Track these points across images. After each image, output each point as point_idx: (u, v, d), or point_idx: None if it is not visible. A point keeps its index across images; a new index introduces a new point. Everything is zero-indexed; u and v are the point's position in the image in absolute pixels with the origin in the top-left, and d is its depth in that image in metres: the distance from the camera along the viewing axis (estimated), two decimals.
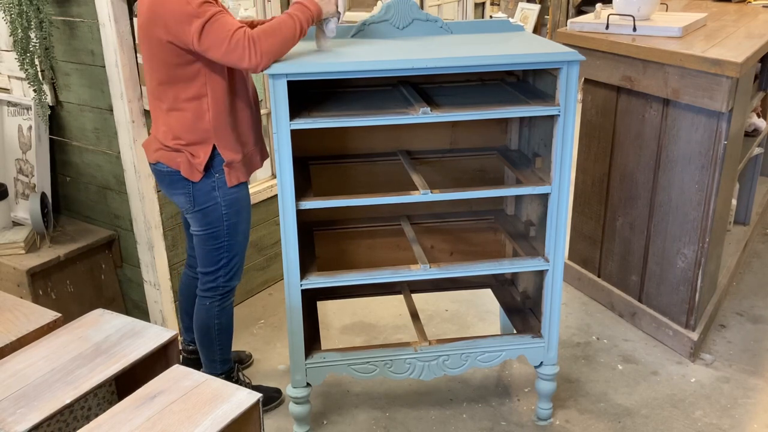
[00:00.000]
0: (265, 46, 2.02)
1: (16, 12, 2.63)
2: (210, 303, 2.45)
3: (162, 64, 2.16)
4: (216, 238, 2.36)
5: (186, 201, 2.33)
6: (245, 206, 2.38)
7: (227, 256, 2.39)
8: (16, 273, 2.78)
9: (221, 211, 2.32)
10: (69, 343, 1.72)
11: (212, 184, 2.28)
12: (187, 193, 2.30)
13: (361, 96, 2.41)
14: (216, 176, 2.27)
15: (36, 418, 1.46)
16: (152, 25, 2.10)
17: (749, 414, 2.64)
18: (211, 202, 2.30)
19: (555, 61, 2.14)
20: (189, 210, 2.34)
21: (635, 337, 3.11)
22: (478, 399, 2.73)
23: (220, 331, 2.49)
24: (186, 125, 2.22)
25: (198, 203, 2.31)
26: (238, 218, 2.36)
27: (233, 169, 2.28)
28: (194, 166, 2.24)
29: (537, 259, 2.39)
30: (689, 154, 2.80)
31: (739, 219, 3.97)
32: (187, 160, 2.25)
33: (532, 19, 7.33)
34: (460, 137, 2.72)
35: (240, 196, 2.35)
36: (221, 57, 2.05)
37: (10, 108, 3.05)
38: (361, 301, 3.31)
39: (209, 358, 2.54)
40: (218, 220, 2.33)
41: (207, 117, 2.20)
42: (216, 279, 2.42)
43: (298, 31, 2.10)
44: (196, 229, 2.37)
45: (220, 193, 2.29)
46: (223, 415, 1.49)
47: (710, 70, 2.57)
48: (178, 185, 2.30)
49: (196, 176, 2.26)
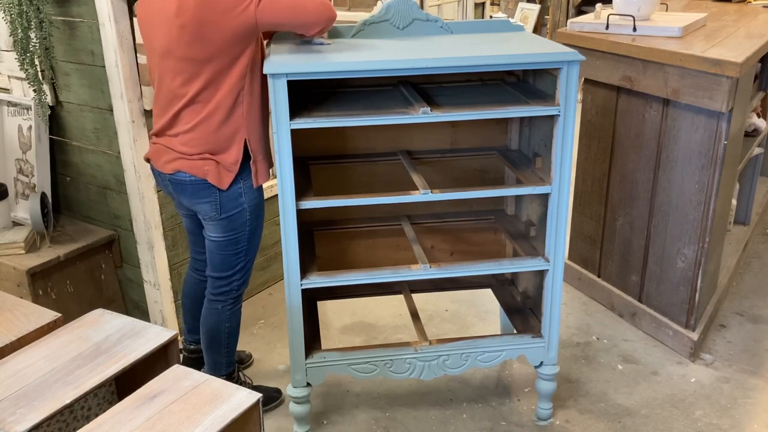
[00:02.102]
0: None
1: (16, 12, 2.63)
2: (222, 307, 2.44)
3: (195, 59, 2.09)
4: (236, 243, 2.34)
5: (211, 209, 2.28)
6: (263, 212, 2.39)
7: (244, 260, 2.39)
8: (16, 273, 2.78)
9: (246, 217, 2.30)
10: (69, 343, 1.72)
11: (239, 191, 2.26)
12: (213, 201, 2.26)
13: (361, 96, 2.40)
14: (242, 182, 2.25)
15: (36, 418, 1.46)
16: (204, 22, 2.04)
17: (749, 414, 2.64)
18: (238, 209, 2.28)
19: (555, 61, 2.14)
20: (214, 218, 2.30)
21: (635, 337, 3.11)
22: (478, 399, 2.73)
23: (229, 335, 2.49)
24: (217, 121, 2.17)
25: (225, 210, 2.28)
26: (257, 223, 2.36)
27: (260, 166, 2.27)
28: (225, 168, 2.20)
29: (537, 259, 2.40)
30: (689, 154, 2.80)
31: (739, 219, 3.97)
32: (216, 165, 2.21)
33: (532, 19, 7.34)
34: (460, 137, 2.72)
35: (261, 202, 2.35)
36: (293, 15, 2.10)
37: (10, 108, 3.05)
38: (361, 301, 3.31)
39: (215, 360, 2.53)
40: (242, 226, 2.32)
41: (240, 110, 2.18)
42: (230, 283, 2.41)
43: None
44: (217, 235, 2.33)
45: (246, 199, 2.28)
46: (223, 415, 1.49)
47: (710, 70, 2.57)
48: (202, 194, 2.26)
49: (226, 182, 2.22)
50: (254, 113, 2.21)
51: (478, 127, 2.70)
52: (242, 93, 2.17)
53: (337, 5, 5.61)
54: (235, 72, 2.13)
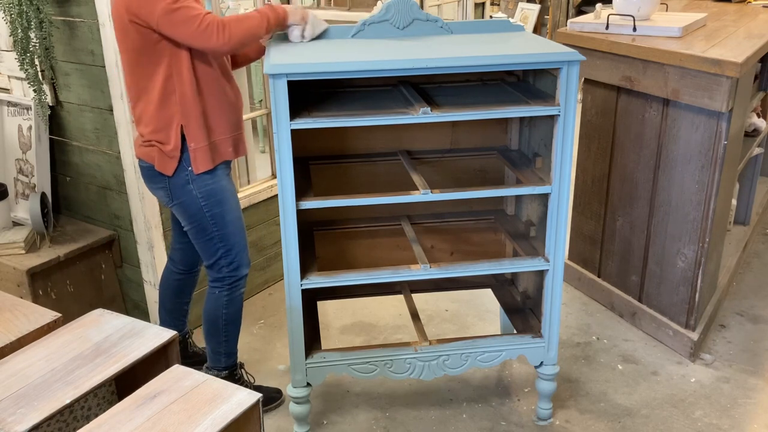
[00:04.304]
0: (234, 31, 2.13)
1: (16, 12, 2.63)
2: (219, 292, 2.46)
3: (128, 48, 2.20)
4: (204, 230, 2.38)
5: (165, 195, 2.37)
6: (227, 196, 2.38)
7: (223, 247, 2.40)
8: (16, 273, 2.78)
9: (200, 204, 2.33)
10: (69, 343, 1.72)
11: (186, 177, 2.30)
12: (164, 187, 2.34)
13: (361, 96, 2.41)
14: (189, 169, 2.29)
15: (36, 418, 1.46)
16: (119, 6, 2.15)
17: (749, 414, 2.64)
18: (186, 196, 2.33)
19: (555, 61, 2.14)
20: (168, 204, 2.39)
21: (635, 337, 3.11)
22: (478, 399, 2.73)
23: (227, 322, 2.50)
24: (154, 108, 2.24)
25: (175, 197, 2.34)
26: (221, 208, 2.36)
27: (200, 154, 2.29)
28: (166, 155, 2.27)
29: (537, 259, 2.40)
30: (689, 154, 2.80)
31: (739, 219, 3.97)
32: (159, 152, 2.28)
33: (532, 19, 7.33)
34: (460, 137, 2.72)
35: (217, 187, 2.34)
36: (188, 36, 2.12)
37: (10, 108, 3.05)
38: (361, 301, 3.31)
39: (214, 350, 2.55)
40: (199, 212, 2.35)
41: (173, 98, 2.22)
42: (220, 270, 2.43)
43: (264, 28, 2.22)
44: (183, 223, 2.41)
45: (194, 186, 2.31)
46: (223, 415, 1.49)
47: (710, 70, 2.57)
48: (155, 179, 2.35)
49: (169, 169, 2.28)
50: (190, 101, 2.24)
51: (478, 127, 2.70)
52: (172, 81, 2.21)
53: (337, 5, 5.61)
54: (161, 60, 2.18)
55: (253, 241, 3.38)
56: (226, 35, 2.11)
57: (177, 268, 2.65)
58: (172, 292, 2.68)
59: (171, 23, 2.10)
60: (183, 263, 2.63)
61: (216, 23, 2.11)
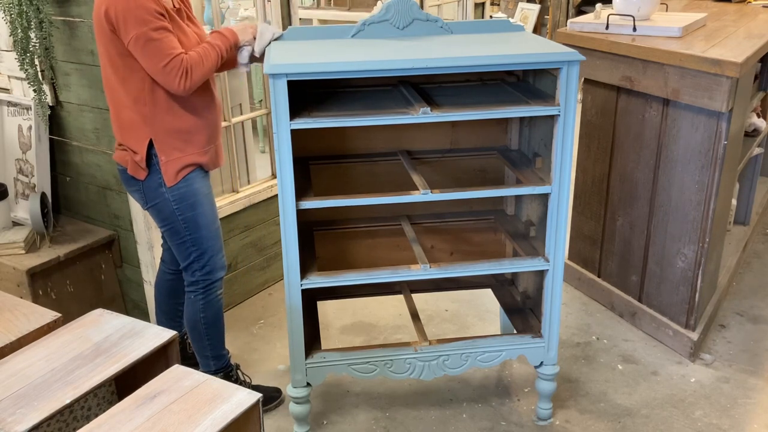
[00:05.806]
0: (195, 77, 2.18)
1: (16, 12, 2.63)
2: (195, 296, 2.46)
3: (105, 47, 2.19)
4: (176, 233, 2.38)
5: (140, 198, 2.39)
6: (201, 199, 2.37)
7: (196, 251, 2.40)
8: (16, 273, 2.78)
9: (172, 207, 2.34)
10: (69, 343, 1.72)
11: (158, 181, 2.31)
12: (138, 190, 2.37)
13: (361, 96, 2.41)
14: (162, 172, 2.30)
15: (36, 418, 1.46)
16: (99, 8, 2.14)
17: (749, 414, 2.64)
18: (159, 199, 2.33)
19: (555, 61, 2.14)
20: (144, 206, 2.41)
21: (635, 337, 3.11)
22: (478, 399, 2.73)
23: (207, 326, 2.49)
24: (125, 116, 2.25)
25: (149, 200, 2.36)
26: (194, 212, 2.36)
27: (170, 167, 2.29)
28: (137, 164, 2.29)
29: (537, 259, 2.40)
30: (689, 154, 2.80)
31: (739, 219, 3.97)
32: (131, 158, 2.30)
33: (532, 19, 7.33)
34: (460, 137, 2.72)
35: (190, 191, 2.34)
36: (152, 69, 2.14)
37: (10, 108, 3.05)
38: (361, 301, 3.31)
39: (201, 354, 2.55)
40: (172, 215, 2.35)
41: (144, 110, 2.23)
42: (193, 273, 2.44)
43: (220, 60, 2.27)
44: (158, 226, 2.44)
45: (167, 189, 2.32)
46: (223, 415, 1.49)
47: (710, 70, 2.57)
48: (131, 182, 2.37)
49: (140, 174, 2.30)
50: (161, 115, 2.24)
51: (478, 127, 2.70)
52: (144, 94, 2.21)
53: (337, 5, 5.62)
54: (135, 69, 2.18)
55: (253, 241, 3.39)
56: (187, 83, 2.15)
57: (168, 269, 2.65)
58: (166, 293, 2.69)
59: (142, 50, 2.11)
60: (174, 263, 2.62)
61: (182, 70, 2.13)
